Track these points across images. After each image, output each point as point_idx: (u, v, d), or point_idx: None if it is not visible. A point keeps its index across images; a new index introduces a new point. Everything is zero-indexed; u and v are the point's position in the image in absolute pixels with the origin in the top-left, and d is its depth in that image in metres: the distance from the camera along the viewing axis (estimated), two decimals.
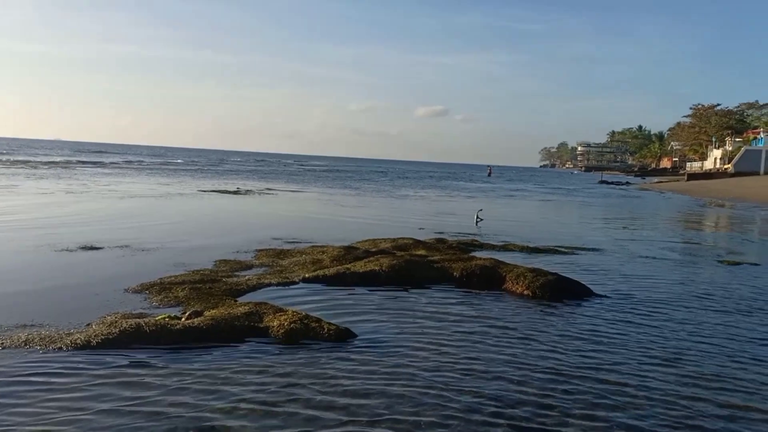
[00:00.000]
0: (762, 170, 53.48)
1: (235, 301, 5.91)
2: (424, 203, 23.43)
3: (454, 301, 6.55)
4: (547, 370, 4.41)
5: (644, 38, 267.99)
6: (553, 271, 7.45)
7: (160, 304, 5.83)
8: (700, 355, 4.98)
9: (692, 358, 4.89)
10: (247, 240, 10.27)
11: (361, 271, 7.31)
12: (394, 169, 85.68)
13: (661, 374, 4.46)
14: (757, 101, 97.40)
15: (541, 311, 6.26)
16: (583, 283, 7.32)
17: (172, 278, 6.79)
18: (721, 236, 15.89)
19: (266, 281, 6.88)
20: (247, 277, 7.05)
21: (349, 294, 6.64)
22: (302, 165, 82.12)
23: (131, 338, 4.64)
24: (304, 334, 4.95)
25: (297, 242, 10.26)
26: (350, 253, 8.42)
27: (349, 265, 7.58)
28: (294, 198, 23.11)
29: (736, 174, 53.67)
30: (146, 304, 5.85)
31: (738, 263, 10.01)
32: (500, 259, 8.15)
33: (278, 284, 6.84)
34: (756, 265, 9.92)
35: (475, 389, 3.98)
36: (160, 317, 5.11)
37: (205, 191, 22.91)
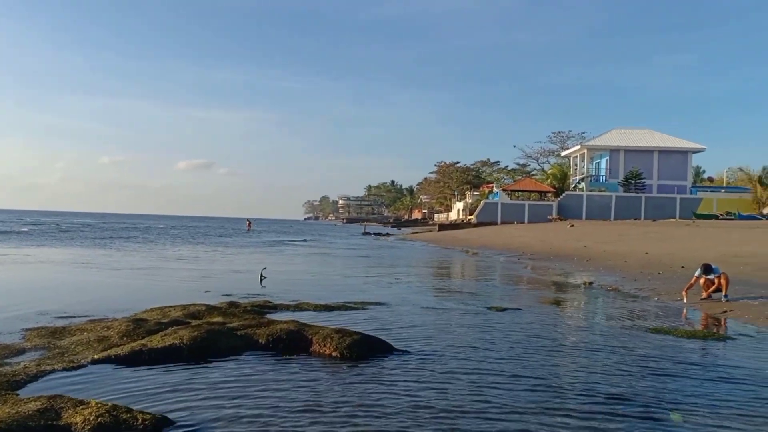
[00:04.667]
0: (499, 220, 61.11)
1: (17, 395, 5.04)
2: (198, 261, 22.48)
3: (265, 371, 6.35)
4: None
5: (396, 104, 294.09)
6: (357, 330, 7.67)
7: None
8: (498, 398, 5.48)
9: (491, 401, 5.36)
10: (5, 318, 8.86)
11: (159, 346, 6.73)
12: (156, 224, 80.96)
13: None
14: (489, 159, 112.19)
15: (350, 374, 6.35)
16: (384, 339, 7.62)
17: None
18: (479, 283, 17.70)
19: (49, 367, 5.98)
20: (23, 365, 6.05)
21: (152, 374, 6.07)
22: (36, 224, 68.82)
23: None
24: (115, 428, 4.39)
25: (70, 317, 9.12)
26: (140, 326, 7.73)
27: (144, 341, 6.94)
28: (48, 261, 20.56)
29: (479, 224, 60.61)
30: None
31: (504, 309, 11.25)
32: (302, 321, 8.15)
33: (64, 369, 5.98)
34: (518, 309, 11.25)
35: None
36: None
37: None
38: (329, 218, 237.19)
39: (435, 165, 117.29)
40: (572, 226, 44.70)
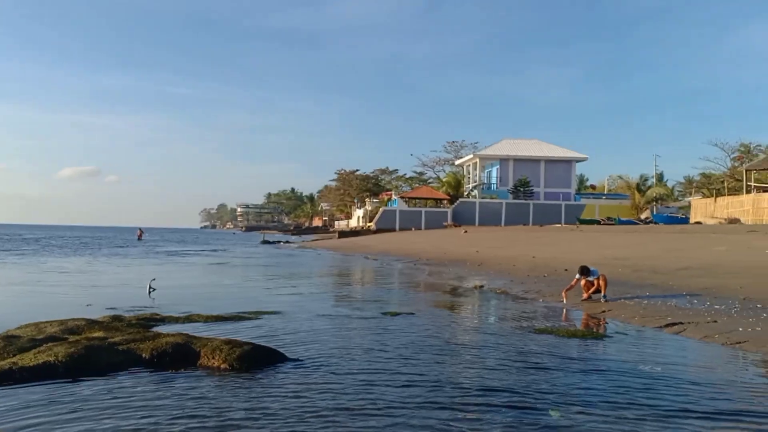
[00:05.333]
0: (397, 227, 62.07)
1: None
2: (82, 274, 21.21)
3: (147, 387, 6.07)
4: None
5: (295, 111, 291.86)
6: (248, 341, 7.50)
7: None
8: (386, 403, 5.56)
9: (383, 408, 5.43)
10: None
11: (32, 364, 6.27)
12: (37, 235, 75.58)
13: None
14: (387, 167, 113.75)
15: (239, 385, 6.21)
16: (276, 349, 7.51)
17: None
18: (376, 289, 17.86)
19: None
20: None
21: (25, 394, 5.64)
22: None
23: None
24: None
25: None
26: (11, 343, 7.16)
27: (14, 359, 6.44)
28: None
29: (378, 231, 61.29)
30: None
31: (397, 314, 11.42)
32: (191, 333, 7.88)
33: None
34: (412, 314, 11.45)
35: None
36: None
37: None
38: (227, 226, 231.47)
39: (335, 172, 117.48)
40: (466, 231, 46.15)
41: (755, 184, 46.06)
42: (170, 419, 5.04)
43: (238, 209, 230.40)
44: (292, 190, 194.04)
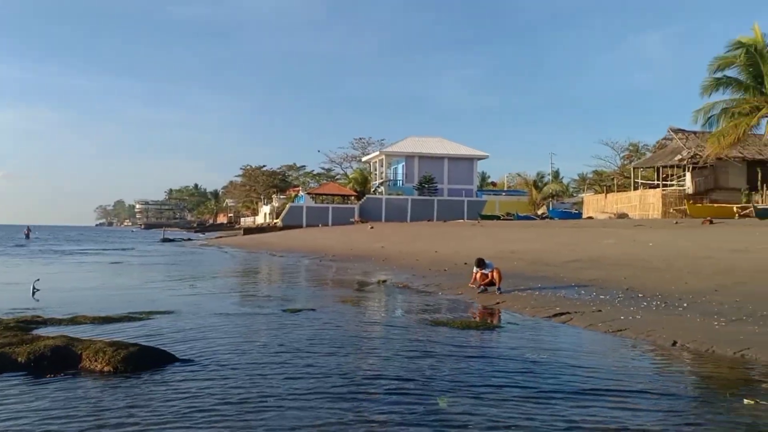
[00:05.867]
0: (304, 224, 61.57)
1: None
2: None
3: (21, 392, 5.68)
4: None
5: (198, 106, 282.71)
6: (135, 342, 7.18)
7: None
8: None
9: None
10: None
11: None
12: None
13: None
14: (295, 163, 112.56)
15: (121, 387, 5.93)
16: (164, 349, 7.23)
17: None
18: (279, 286, 17.64)
19: None
20: None
21: None
22: None
23: None
24: None
25: None
26: None
27: None
28: None
29: (285, 227, 60.49)
30: None
31: (298, 310, 11.31)
32: (74, 335, 7.43)
33: None
34: (312, 310, 11.38)
35: None
36: None
37: None
38: (125, 224, 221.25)
39: (241, 168, 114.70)
40: (372, 227, 46.46)
41: (642, 181, 49.17)
42: (43, 425, 4.72)
43: (137, 206, 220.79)
44: (196, 186, 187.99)
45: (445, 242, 28.80)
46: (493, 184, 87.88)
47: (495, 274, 13.15)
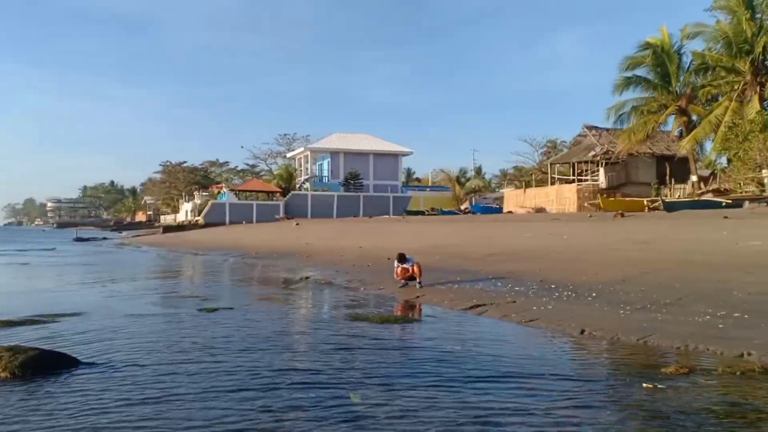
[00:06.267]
0: (227, 221, 60.30)
1: None
2: None
3: None
4: None
5: (114, 100, 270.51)
6: (34, 346, 6.80)
7: None
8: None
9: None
10: None
11: None
12: None
13: None
14: (218, 159, 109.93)
15: (19, 393, 5.61)
16: (67, 353, 6.88)
17: None
18: (198, 285, 17.20)
19: None
20: None
21: None
22: None
23: None
24: None
25: None
26: None
27: None
28: None
29: (207, 225, 59.02)
30: None
31: (215, 309, 11.04)
32: None
33: None
34: (230, 309, 11.13)
35: None
36: None
37: None
38: (36, 223, 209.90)
39: (160, 165, 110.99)
40: (298, 224, 46.11)
41: (558, 176, 51.03)
42: None
43: (49, 204, 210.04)
44: (112, 183, 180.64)
45: (370, 238, 28.89)
46: (418, 180, 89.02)
47: (415, 268, 13.28)
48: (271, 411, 5.05)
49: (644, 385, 5.67)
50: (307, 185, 67.86)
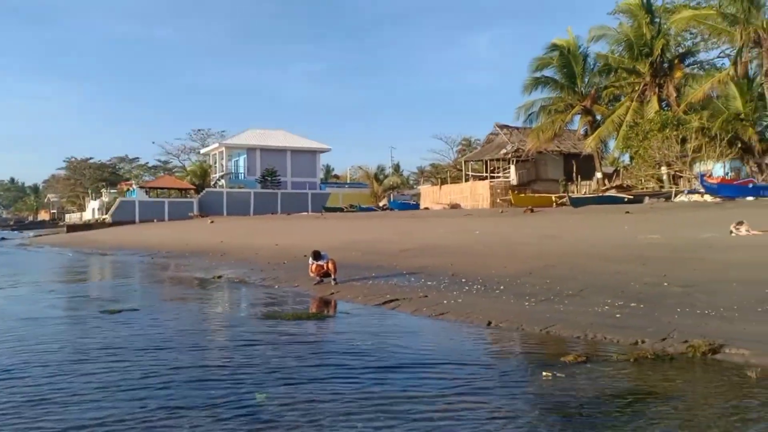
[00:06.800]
0: (137, 219, 58.03)
1: None
2: None
3: None
4: None
5: (10, 92, 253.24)
6: None
7: None
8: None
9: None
10: None
11: None
12: None
13: None
14: (127, 155, 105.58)
15: None
16: None
17: None
18: (103, 286, 16.42)
19: None
20: None
21: None
22: None
23: None
24: None
25: None
26: None
27: None
28: None
29: (115, 223, 56.55)
30: None
31: (119, 311, 10.57)
32: None
33: None
34: (135, 310, 10.70)
35: None
36: None
37: None
38: None
39: (64, 161, 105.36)
40: (212, 222, 45.03)
41: (472, 174, 52.28)
42: None
43: None
44: (12, 180, 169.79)
45: (287, 235, 28.57)
46: (337, 177, 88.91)
47: (330, 265, 13.23)
48: (166, 408, 5.01)
49: (543, 373, 5.89)
50: (222, 182, 66.37)
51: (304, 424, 4.62)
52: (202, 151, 79.30)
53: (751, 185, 29.26)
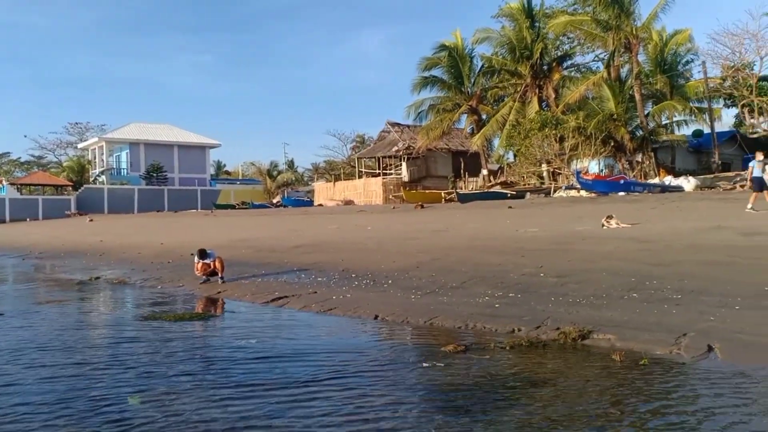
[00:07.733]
0: (7, 218, 53.79)
1: None
2: None
3: None
4: None
5: None
6: None
7: None
8: None
9: None
10: None
11: None
12: None
13: None
14: (9, 153, 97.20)
15: None
16: None
17: None
18: None
19: None
20: None
21: None
22: None
23: None
24: None
25: None
26: None
27: None
28: None
29: None
30: None
31: None
32: None
33: None
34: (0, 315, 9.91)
35: None
36: None
37: None
38: None
39: None
40: (92, 220, 42.62)
41: (366, 170, 52.78)
42: None
43: None
44: None
45: (173, 233, 27.51)
46: (228, 173, 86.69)
47: (217, 263, 12.89)
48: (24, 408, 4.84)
49: (424, 364, 6.05)
50: (102, 178, 62.82)
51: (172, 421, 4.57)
52: (80, 145, 74.60)
53: (622, 181, 31.52)
